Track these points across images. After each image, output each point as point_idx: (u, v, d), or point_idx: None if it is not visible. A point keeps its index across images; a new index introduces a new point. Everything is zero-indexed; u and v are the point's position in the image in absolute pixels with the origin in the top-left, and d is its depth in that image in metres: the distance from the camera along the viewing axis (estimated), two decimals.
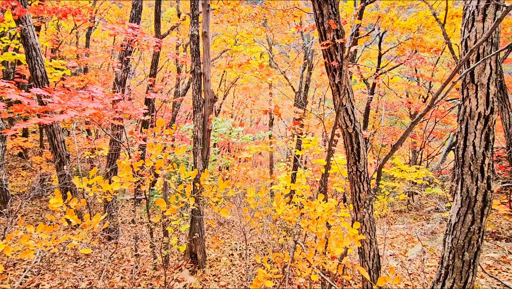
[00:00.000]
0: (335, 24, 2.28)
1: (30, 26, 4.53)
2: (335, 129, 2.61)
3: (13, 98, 2.68)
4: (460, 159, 2.61)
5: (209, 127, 3.87)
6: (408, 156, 15.40)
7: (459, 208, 2.61)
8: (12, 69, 9.35)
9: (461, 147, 2.59)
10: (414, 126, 2.12)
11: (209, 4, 3.44)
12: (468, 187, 2.54)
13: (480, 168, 2.48)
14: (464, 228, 2.61)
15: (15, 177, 8.82)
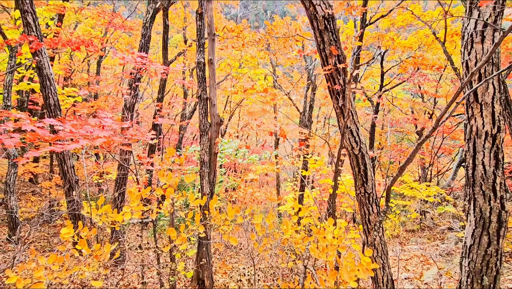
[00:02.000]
0: (336, 50, 2.35)
1: (45, 58, 4.77)
2: (341, 151, 2.62)
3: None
4: (470, 178, 2.57)
5: (216, 150, 3.92)
6: (417, 172, 15.12)
7: (474, 229, 2.53)
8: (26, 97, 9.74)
9: (470, 166, 2.55)
10: (420, 147, 2.11)
11: (214, 33, 3.61)
12: (481, 207, 2.47)
13: (492, 188, 2.42)
14: (481, 250, 2.51)
15: (24, 203, 8.91)
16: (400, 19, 11.75)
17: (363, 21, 8.99)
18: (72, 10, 9.00)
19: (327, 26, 2.35)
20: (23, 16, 4.80)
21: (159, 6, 5.64)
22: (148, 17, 5.57)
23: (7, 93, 6.29)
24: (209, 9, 3.51)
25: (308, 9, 2.35)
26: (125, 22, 9.64)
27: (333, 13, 2.32)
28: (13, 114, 2.62)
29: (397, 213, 9.35)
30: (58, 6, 7.56)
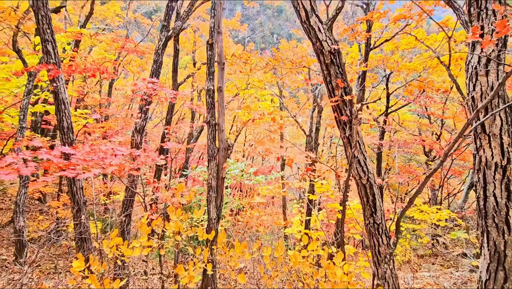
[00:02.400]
0: (342, 83, 2.42)
1: (61, 83, 4.99)
2: (348, 180, 2.62)
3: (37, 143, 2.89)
4: (482, 210, 2.52)
5: (223, 175, 3.95)
6: (427, 194, 14.78)
7: (488, 263, 2.45)
8: (40, 118, 10.07)
9: (481, 197, 2.51)
10: (429, 179, 2.11)
11: (224, 63, 3.76)
12: (495, 241, 2.40)
13: (505, 220, 2.37)
14: (497, 285, 2.42)
15: (31, 221, 8.96)
16: (404, 42, 11.99)
17: (368, 45, 9.22)
18: (88, 36, 9.47)
19: (333, 60, 2.43)
20: (44, 45, 5.08)
21: (171, 34, 5.90)
22: (160, 44, 5.82)
23: (23, 115, 6.53)
24: (219, 40, 3.68)
25: (314, 44, 2.45)
26: (137, 46, 10.06)
27: (339, 48, 2.41)
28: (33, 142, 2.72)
29: (408, 237, 9.07)
30: (76, 33, 7.98)
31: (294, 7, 2.43)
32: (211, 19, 3.94)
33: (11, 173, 2.13)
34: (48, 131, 11.49)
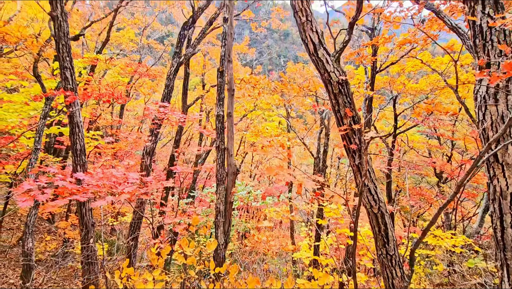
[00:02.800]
0: (351, 112, 2.46)
1: (77, 107, 5.18)
2: (359, 210, 2.58)
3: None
4: (500, 242, 2.43)
5: (231, 199, 3.94)
6: (440, 217, 14.28)
7: None
8: (53, 139, 10.37)
9: (498, 228, 2.44)
10: (443, 210, 2.07)
11: (233, 89, 3.88)
12: None
13: None
14: None
15: (39, 242, 8.97)
16: (410, 65, 12.14)
17: (374, 69, 9.36)
18: (103, 61, 9.91)
19: (341, 90, 2.49)
20: (62, 71, 5.35)
21: (182, 60, 6.14)
22: (172, 70, 6.05)
23: (38, 137, 6.73)
24: (229, 68, 3.82)
25: (323, 75, 2.53)
26: (149, 70, 10.45)
27: (347, 79, 2.47)
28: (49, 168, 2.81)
29: (422, 264, 8.67)
30: (92, 59, 8.38)
31: (302, 40, 2.54)
32: (221, 48, 4.12)
33: (28, 200, 2.18)
34: (61, 151, 11.78)
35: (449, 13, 5.87)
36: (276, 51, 67.03)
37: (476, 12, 2.57)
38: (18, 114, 7.74)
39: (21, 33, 6.53)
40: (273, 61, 62.65)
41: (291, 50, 67.34)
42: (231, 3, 3.79)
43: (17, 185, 8.27)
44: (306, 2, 2.40)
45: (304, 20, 2.44)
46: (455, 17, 5.91)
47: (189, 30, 6.32)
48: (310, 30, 2.44)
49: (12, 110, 7.59)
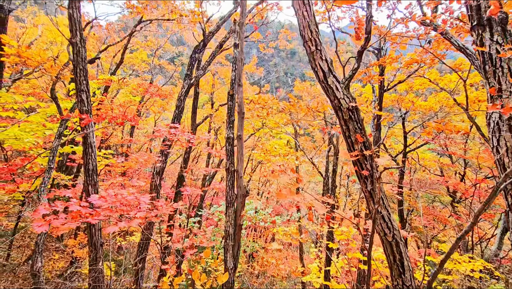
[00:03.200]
0: (361, 138, 2.47)
1: (91, 129, 5.34)
2: (373, 237, 2.53)
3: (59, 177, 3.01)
4: None
5: (241, 222, 3.91)
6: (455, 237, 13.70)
7: None
8: (66, 157, 10.61)
9: None
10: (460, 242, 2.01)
11: (243, 112, 3.95)
12: None
13: None
14: None
15: (47, 260, 8.97)
16: (418, 83, 12.15)
17: (381, 87, 9.40)
18: (116, 81, 10.27)
19: (352, 116, 2.51)
20: (79, 94, 5.56)
21: (193, 82, 6.31)
22: (183, 91, 6.21)
23: (52, 156, 6.91)
24: (239, 91, 3.92)
25: (332, 101, 2.56)
26: (160, 90, 10.75)
27: (357, 106, 2.50)
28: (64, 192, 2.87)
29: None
30: (106, 80, 8.70)
31: (312, 68, 2.60)
32: (232, 72, 4.25)
33: (44, 225, 2.22)
34: (72, 168, 12.00)
35: (455, 33, 5.93)
36: (283, 69, 68.25)
37: (484, 40, 2.60)
38: (34, 133, 8.00)
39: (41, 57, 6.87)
40: (280, 79, 63.65)
41: (298, 68, 68.46)
42: (241, 30, 3.95)
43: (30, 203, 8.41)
44: (315, 32, 2.48)
45: (313, 49, 2.51)
46: (462, 38, 5.96)
47: (200, 54, 6.55)
48: (320, 59, 2.50)
49: (28, 129, 7.85)
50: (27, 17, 14.06)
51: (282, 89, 42.16)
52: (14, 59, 7.12)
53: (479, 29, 2.64)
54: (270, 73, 34.57)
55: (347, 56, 30.12)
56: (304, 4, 2.51)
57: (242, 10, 3.86)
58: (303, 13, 2.51)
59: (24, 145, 6.01)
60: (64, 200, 8.53)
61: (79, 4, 5.33)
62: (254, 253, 10.82)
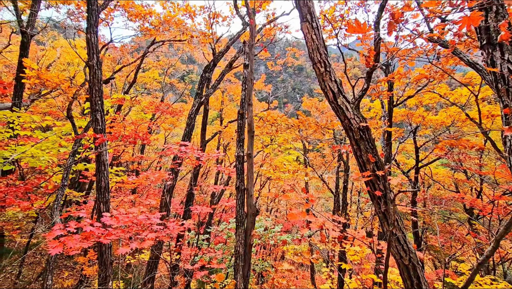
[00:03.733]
0: (373, 158, 2.44)
1: (104, 147, 5.46)
2: (388, 260, 2.45)
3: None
4: None
5: (251, 242, 3.85)
6: (474, 257, 13.05)
7: None
8: (78, 173, 10.83)
9: None
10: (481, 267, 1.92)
11: (253, 131, 3.99)
12: None
13: None
14: None
15: (56, 278, 8.97)
16: (428, 97, 12.05)
17: (391, 103, 9.35)
18: (129, 100, 10.58)
19: (363, 136, 2.50)
20: (93, 114, 5.75)
21: (203, 100, 6.44)
22: (193, 109, 6.34)
23: (66, 173, 7.07)
24: (249, 110, 3.98)
25: (343, 121, 2.57)
26: (170, 108, 11.00)
27: (367, 125, 2.50)
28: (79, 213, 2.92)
29: None
30: (120, 99, 8.98)
31: (322, 89, 2.63)
32: (242, 92, 4.34)
33: (58, 247, 2.25)
34: (84, 184, 12.21)
35: (464, 49, 5.92)
36: (291, 85, 69.07)
37: (495, 58, 2.60)
38: (49, 151, 8.24)
39: (59, 79, 7.19)
40: (288, 94, 64.30)
41: (306, 84, 69.17)
42: (251, 51, 4.07)
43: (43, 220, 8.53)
44: (324, 55, 2.53)
45: (323, 70, 2.55)
46: (471, 53, 5.94)
47: (210, 73, 6.72)
48: (329, 80, 2.54)
49: (44, 147, 8.10)
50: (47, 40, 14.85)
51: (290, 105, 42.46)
52: (34, 81, 7.47)
53: (489, 48, 2.64)
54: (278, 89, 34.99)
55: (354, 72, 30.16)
56: (312, 28, 2.59)
57: (252, 33, 3.99)
58: (311, 36, 2.58)
59: (40, 163, 6.19)
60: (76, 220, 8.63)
61: (97, 29, 5.61)
62: (263, 272, 10.56)
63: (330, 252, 5.10)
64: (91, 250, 9.62)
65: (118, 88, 13.21)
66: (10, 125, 7.24)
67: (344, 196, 8.09)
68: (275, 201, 16.84)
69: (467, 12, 2.39)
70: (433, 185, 13.63)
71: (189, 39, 8.94)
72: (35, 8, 8.39)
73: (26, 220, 8.45)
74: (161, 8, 8.84)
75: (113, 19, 8.77)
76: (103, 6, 6.93)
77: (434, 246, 12.53)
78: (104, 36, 14.01)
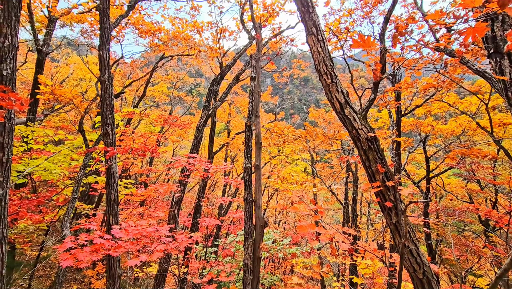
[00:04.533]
0: (382, 168, 2.42)
1: (114, 160, 5.56)
2: (401, 274, 2.38)
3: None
4: None
5: (260, 254, 3.80)
6: (492, 271, 12.49)
7: None
8: (88, 186, 10.99)
9: None
10: (499, 280, 1.85)
11: (261, 143, 4.02)
12: None
13: None
14: None
15: None
16: (436, 106, 11.91)
17: (399, 112, 9.27)
18: (138, 113, 10.80)
19: (371, 147, 2.49)
20: (104, 127, 5.89)
21: (211, 113, 6.53)
22: (201, 121, 6.43)
23: (77, 186, 7.18)
24: (257, 122, 4.02)
25: (351, 132, 2.57)
26: (179, 121, 11.17)
27: (376, 135, 2.49)
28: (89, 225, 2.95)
29: None
30: (129, 112, 9.19)
31: (329, 100, 2.65)
32: (249, 104, 4.40)
33: (69, 259, 2.27)
34: (94, 197, 12.35)
35: (471, 57, 5.88)
36: (297, 96, 69.48)
37: (504, 67, 2.58)
38: (61, 164, 8.42)
39: (72, 94, 7.44)
40: (295, 105, 64.60)
41: (312, 95, 69.49)
42: (257, 64, 4.15)
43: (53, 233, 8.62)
44: (330, 66, 2.57)
45: (329, 82, 2.58)
46: (479, 61, 5.90)
47: (217, 86, 6.85)
48: (336, 91, 2.56)
49: (56, 160, 8.29)
50: (62, 57, 15.45)
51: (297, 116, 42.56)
52: (48, 96, 7.73)
53: (497, 57, 2.63)
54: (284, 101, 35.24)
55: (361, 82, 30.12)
56: (318, 41, 2.64)
57: (258, 47, 4.09)
58: (317, 49, 2.63)
59: (52, 176, 6.32)
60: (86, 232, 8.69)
61: (109, 46, 5.83)
62: (272, 286, 10.34)
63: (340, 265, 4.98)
64: (99, 263, 9.61)
65: (128, 102, 13.53)
66: (24, 140, 7.45)
67: (354, 207, 7.94)
68: (283, 213, 16.63)
69: (472, 22, 2.40)
70: (446, 196, 13.27)
71: (197, 54, 9.17)
72: (51, 28, 8.78)
73: (37, 232, 8.55)
74: (170, 24, 9.14)
75: (124, 36, 9.10)
76: (115, 24, 7.21)
77: (449, 259, 12.07)
78: (115, 52, 14.51)
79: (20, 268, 8.23)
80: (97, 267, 8.87)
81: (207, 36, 19.16)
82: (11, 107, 2.74)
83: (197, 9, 9.02)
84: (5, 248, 2.81)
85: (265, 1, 8.35)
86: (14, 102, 2.94)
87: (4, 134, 3.45)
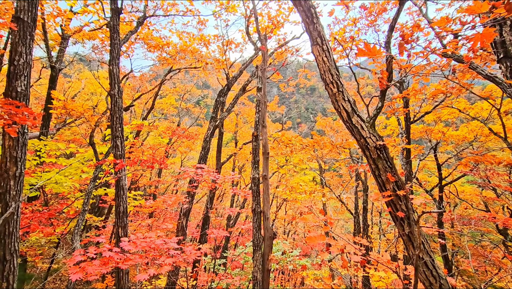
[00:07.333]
0: (393, 177, 2.37)
1: (123, 172, 5.62)
2: (416, 287, 2.29)
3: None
4: None
5: (269, 266, 3.72)
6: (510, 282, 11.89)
7: None
8: (98, 198, 11.11)
9: None
10: None
11: (268, 153, 4.01)
12: None
13: None
14: None
15: None
16: (446, 113, 11.72)
17: (407, 119, 9.16)
18: (147, 125, 10.98)
19: (380, 155, 2.45)
20: (114, 140, 5.99)
21: (218, 124, 6.58)
22: (209, 132, 6.48)
23: (87, 199, 7.27)
24: (264, 132, 4.03)
25: (359, 141, 2.54)
26: (186, 132, 11.29)
27: (385, 144, 2.45)
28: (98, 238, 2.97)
29: None
30: (138, 125, 9.34)
31: (336, 109, 2.64)
32: (256, 114, 4.43)
33: (78, 272, 2.27)
34: (103, 209, 12.46)
35: (480, 62, 5.80)
36: (304, 105, 69.59)
37: None
38: (71, 177, 8.57)
39: (84, 108, 7.64)
40: (302, 114, 64.63)
41: (319, 104, 69.49)
42: (264, 75, 4.19)
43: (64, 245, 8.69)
44: (336, 75, 2.57)
45: (335, 91, 2.58)
46: (489, 66, 5.81)
47: (224, 97, 6.93)
48: (342, 100, 2.55)
49: (67, 173, 8.44)
50: (74, 73, 15.97)
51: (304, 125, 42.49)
52: (60, 111, 7.96)
53: (507, 62, 2.59)
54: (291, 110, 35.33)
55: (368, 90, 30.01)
56: (323, 50, 2.65)
57: (264, 57, 4.14)
58: (323, 58, 2.64)
59: (63, 189, 6.42)
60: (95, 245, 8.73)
61: (118, 61, 6.00)
62: None
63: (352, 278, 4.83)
64: (108, 276, 9.60)
65: (137, 114, 13.79)
66: (37, 153, 7.63)
67: (365, 217, 7.76)
68: (292, 224, 16.39)
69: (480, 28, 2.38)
70: (460, 204, 12.87)
71: (204, 66, 9.34)
72: (64, 45, 9.12)
73: (48, 245, 8.63)
74: (178, 38, 9.38)
75: (133, 51, 9.37)
76: (125, 40, 7.43)
77: (467, 271, 11.59)
78: (124, 67, 14.93)
79: (31, 281, 8.28)
80: (106, 280, 8.85)
81: (213, 49, 19.57)
82: (24, 122, 2.82)
83: (203, 23, 9.24)
84: (16, 261, 2.83)
85: (270, 13, 8.50)
86: (28, 117, 3.03)
87: (17, 149, 3.54)
